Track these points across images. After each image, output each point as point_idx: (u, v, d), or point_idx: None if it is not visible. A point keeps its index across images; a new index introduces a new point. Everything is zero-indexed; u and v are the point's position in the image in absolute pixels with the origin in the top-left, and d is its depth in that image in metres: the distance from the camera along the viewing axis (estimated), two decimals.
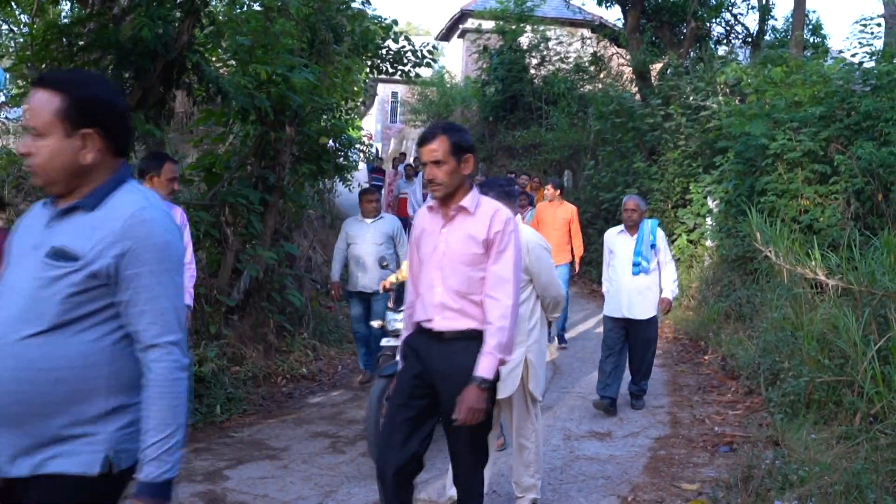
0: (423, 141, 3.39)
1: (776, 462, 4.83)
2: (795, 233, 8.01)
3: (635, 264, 6.59)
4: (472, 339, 3.32)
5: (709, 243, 11.15)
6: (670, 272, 6.74)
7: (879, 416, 5.10)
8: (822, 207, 8.55)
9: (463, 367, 3.27)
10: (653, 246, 6.66)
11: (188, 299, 5.55)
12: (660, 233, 6.73)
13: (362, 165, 21.48)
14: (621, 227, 6.91)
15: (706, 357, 8.58)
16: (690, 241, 11.74)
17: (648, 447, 5.86)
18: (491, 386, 3.27)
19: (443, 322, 3.39)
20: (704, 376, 7.94)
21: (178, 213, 5.26)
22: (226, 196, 7.37)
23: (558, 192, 9.40)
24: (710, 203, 11.24)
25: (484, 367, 3.23)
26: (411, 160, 16.97)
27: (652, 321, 6.75)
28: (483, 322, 3.32)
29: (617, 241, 6.85)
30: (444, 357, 3.39)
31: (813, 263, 6.50)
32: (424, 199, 12.79)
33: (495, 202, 3.49)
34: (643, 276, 6.60)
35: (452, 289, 3.36)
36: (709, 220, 11.27)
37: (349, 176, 13.91)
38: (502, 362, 3.29)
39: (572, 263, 9.30)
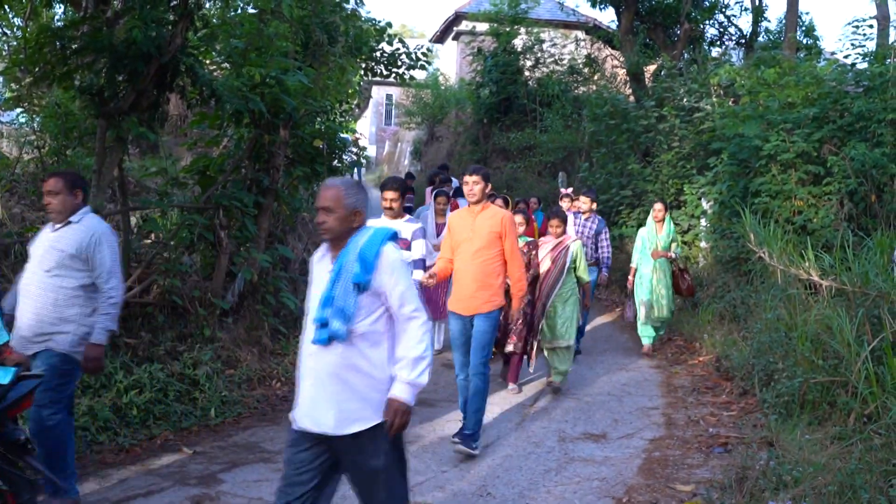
0: None
1: (770, 463, 4.84)
2: (789, 234, 8.03)
3: (319, 323, 3.30)
4: None
5: (703, 245, 11.17)
6: (410, 341, 3.31)
7: (873, 416, 5.11)
8: (816, 208, 8.57)
9: None
10: (362, 286, 3.25)
11: None
12: (387, 257, 3.29)
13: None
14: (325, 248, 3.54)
15: (701, 358, 8.59)
16: (685, 243, 11.77)
17: (643, 448, 5.87)
18: None
19: None
20: (699, 377, 7.95)
21: None
22: (220, 199, 7.36)
23: (487, 185, 5.70)
24: (705, 204, 11.27)
25: None
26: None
27: (374, 440, 3.33)
28: None
29: (317, 273, 3.49)
30: None
31: (807, 264, 6.53)
32: (438, 232, 8.75)
33: None
34: (337, 350, 3.28)
35: None
36: (703, 222, 11.30)
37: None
38: None
39: (501, 311, 5.86)
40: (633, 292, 9.29)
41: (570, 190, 10.86)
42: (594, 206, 9.44)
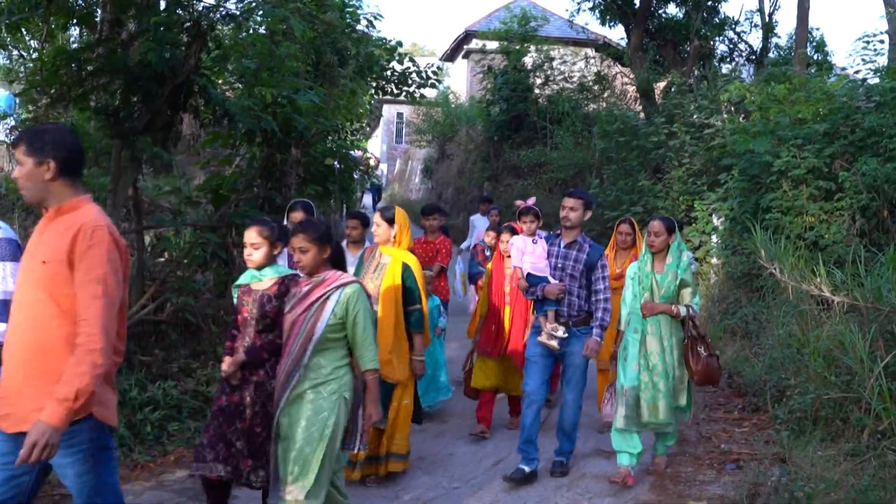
0: None
1: (783, 479, 4.83)
2: (801, 249, 8.01)
3: None
4: None
5: (714, 261, 11.14)
6: None
7: (887, 432, 5.10)
8: (828, 224, 8.55)
9: None
10: None
11: None
12: None
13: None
14: None
15: None
16: (696, 259, 11.75)
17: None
18: None
19: None
20: (711, 393, 7.91)
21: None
22: (233, 217, 7.42)
23: (45, 166, 2.94)
24: (716, 220, 11.26)
25: None
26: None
27: None
28: None
29: None
30: None
31: (818, 280, 6.51)
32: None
33: None
34: None
35: None
36: (714, 238, 11.28)
37: (355, 198, 13.97)
38: None
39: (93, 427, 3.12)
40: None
41: (531, 201, 6.17)
42: (588, 214, 5.54)
